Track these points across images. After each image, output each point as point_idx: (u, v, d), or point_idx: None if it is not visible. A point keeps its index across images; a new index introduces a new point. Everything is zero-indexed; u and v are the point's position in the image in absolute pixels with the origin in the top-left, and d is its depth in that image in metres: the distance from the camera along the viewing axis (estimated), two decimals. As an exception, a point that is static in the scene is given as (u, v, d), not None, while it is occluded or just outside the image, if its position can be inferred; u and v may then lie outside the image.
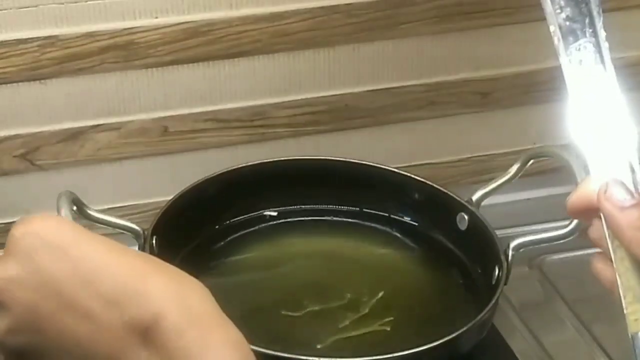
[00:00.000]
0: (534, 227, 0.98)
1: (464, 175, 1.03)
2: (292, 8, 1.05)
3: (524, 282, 1.07)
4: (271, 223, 1.07)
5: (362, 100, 1.13)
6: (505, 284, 0.92)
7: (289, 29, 1.06)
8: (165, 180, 1.06)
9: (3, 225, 1.09)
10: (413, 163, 1.13)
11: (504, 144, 1.01)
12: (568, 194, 0.92)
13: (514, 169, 1.01)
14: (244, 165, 1.03)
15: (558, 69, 1.18)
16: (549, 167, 1.23)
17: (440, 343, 0.85)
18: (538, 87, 1.18)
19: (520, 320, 1.02)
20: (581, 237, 0.92)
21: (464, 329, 0.86)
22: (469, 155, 1.20)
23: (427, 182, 1.04)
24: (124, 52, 1.02)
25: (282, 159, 1.06)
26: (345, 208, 1.08)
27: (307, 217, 1.07)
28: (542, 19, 1.15)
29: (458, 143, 1.19)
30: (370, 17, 1.07)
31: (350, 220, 1.07)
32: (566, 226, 0.93)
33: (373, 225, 1.07)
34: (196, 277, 0.97)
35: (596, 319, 1.02)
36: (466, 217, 1.00)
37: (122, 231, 0.93)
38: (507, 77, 1.16)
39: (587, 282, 1.08)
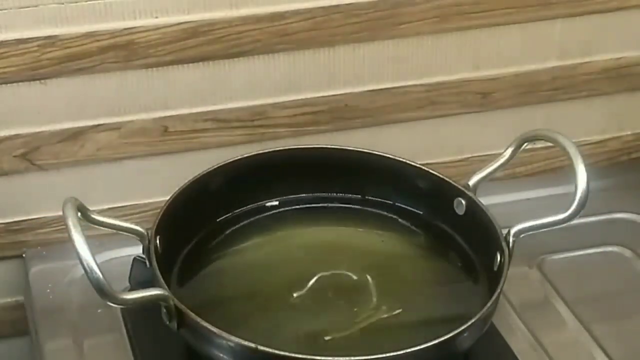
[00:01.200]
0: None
1: (464, 175, 1.03)
2: (292, 8, 1.05)
3: (524, 282, 1.07)
4: (273, 212, 1.06)
5: (362, 100, 1.13)
6: (507, 269, 0.91)
7: (289, 29, 1.06)
8: (165, 180, 1.06)
9: (3, 225, 1.09)
10: (413, 163, 1.13)
11: (504, 144, 1.00)
12: (568, 194, 0.93)
13: (508, 152, 1.00)
14: (241, 157, 1.03)
15: (558, 69, 1.20)
16: (549, 167, 1.23)
17: (444, 339, 0.85)
18: (538, 87, 1.18)
19: (520, 320, 1.02)
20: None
21: (469, 323, 0.86)
22: (469, 155, 1.20)
23: (424, 167, 1.04)
24: (124, 52, 1.02)
25: (280, 148, 1.06)
26: (347, 196, 1.08)
27: (309, 204, 1.07)
28: (543, 19, 1.16)
29: (458, 143, 1.20)
30: (370, 17, 1.07)
31: (352, 207, 1.07)
32: (566, 211, 0.92)
33: (376, 212, 1.07)
34: (199, 270, 0.98)
35: (596, 319, 1.02)
36: (463, 202, 1.00)
37: (125, 233, 0.92)
38: (507, 77, 1.16)
39: (587, 282, 1.09)
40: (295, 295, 0.96)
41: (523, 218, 0.94)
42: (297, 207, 1.07)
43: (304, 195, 1.07)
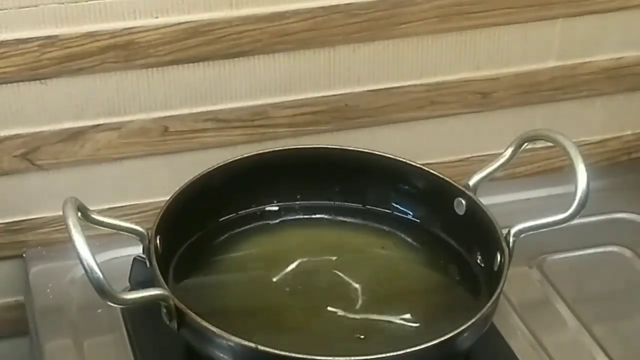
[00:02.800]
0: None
1: (464, 175, 1.03)
2: (292, 8, 1.05)
3: (524, 282, 1.07)
4: (273, 214, 1.06)
5: (362, 100, 1.13)
6: (507, 269, 0.92)
7: (289, 29, 1.06)
8: (165, 180, 1.06)
9: (3, 225, 1.09)
10: (413, 163, 1.13)
11: (504, 144, 1.00)
12: (568, 194, 0.93)
13: (508, 152, 1.00)
14: (241, 157, 1.03)
15: (558, 69, 1.20)
16: (549, 167, 1.23)
17: (444, 339, 0.85)
18: (538, 87, 1.18)
19: (520, 320, 1.02)
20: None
21: (469, 323, 0.86)
22: (469, 155, 1.20)
23: (424, 167, 1.04)
24: (124, 52, 1.02)
25: (280, 148, 1.06)
26: (346, 205, 1.08)
27: (308, 214, 1.07)
28: (543, 18, 1.16)
29: (458, 143, 1.20)
30: (370, 17, 1.07)
31: (352, 212, 1.07)
32: (566, 211, 0.92)
33: (376, 218, 1.07)
34: (197, 272, 0.98)
35: (596, 319, 1.02)
36: (464, 201, 1.00)
37: (126, 233, 0.92)
38: (507, 77, 1.16)
39: (587, 282, 1.09)
40: (292, 298, 0.97)
41: (523, 218, 0.94)
42: (297, 208, 1.07)
43: (303, 202, 1.07)
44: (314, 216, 1.07)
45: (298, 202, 1.07)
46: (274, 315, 0.95)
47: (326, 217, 1.07)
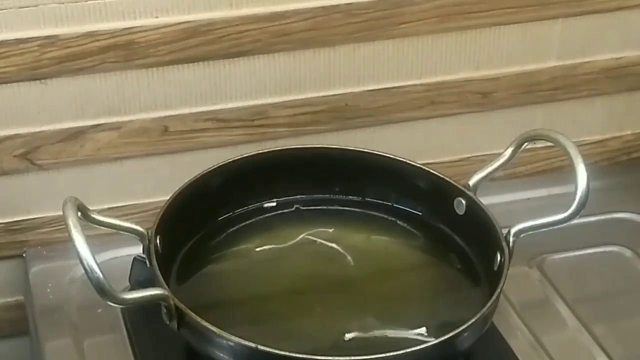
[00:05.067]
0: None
1: (464, 175, 1.03)
2: (292, 8, 1.05)
3: (524, 282, 1.07)
4: (273, 212, 1.06)
5: (362, 100, 1.13)
6: (507, 269, 0.92)
7: (289, 29, 1.06)
8: (165, 180, 1.06)
9: (3, 225, 1.09)
10: (413, 163, 1.13)
11: (504, 144, 1.01)
12: (568, 194, 0.93)
13: (508, 151, 1.00)
14: (241, 157, 1.03)
15: (558, 68, 1.20)
16: (549, 167, 1.23)
17: (444, 339, 0.85)
18: (538, 87, 1.18)
19: (520, 320, 1.02)
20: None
21: (469, 323, 0.86)
22: (469, 155, 1.20)
23: (424, 167, 1.04)
24: (124, 51, 1.02)
25: (280, 148, 1.06)
26: (347, 198, 1.08)
27: (308, 207, 1.07)
28: (543, 18, 1.16)
29: (458, 143, 1.20)
30: (370, 17, 1.07)
31: (352, 209, 1.08)
32: (566, 211, 0.92)
33: (376, 213, 1.07)
34: (197, 271, 0.98)
35: (596, 319, 1.02)
36: (463, 202, 1.00)
37: (126, 233, 0.92)
38: (507, 77, 1.16)
39: (587, 282, 1.09)
40: (294, 294, 0.97)
41: (523, 218, 0.94)
42: (297, 207, 1.07)
43: (304, 196, 1.07)
44: (314, 215, 1.07)
45: (297, 203, 1.07)
46: (276, 315, 0.95)
47: (326, 216, 1.07)
